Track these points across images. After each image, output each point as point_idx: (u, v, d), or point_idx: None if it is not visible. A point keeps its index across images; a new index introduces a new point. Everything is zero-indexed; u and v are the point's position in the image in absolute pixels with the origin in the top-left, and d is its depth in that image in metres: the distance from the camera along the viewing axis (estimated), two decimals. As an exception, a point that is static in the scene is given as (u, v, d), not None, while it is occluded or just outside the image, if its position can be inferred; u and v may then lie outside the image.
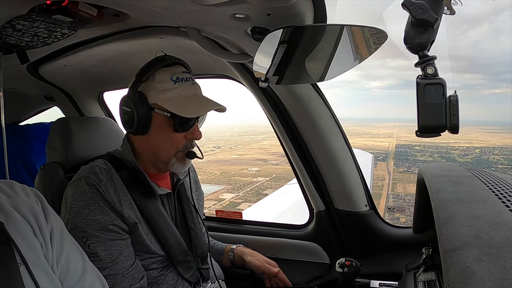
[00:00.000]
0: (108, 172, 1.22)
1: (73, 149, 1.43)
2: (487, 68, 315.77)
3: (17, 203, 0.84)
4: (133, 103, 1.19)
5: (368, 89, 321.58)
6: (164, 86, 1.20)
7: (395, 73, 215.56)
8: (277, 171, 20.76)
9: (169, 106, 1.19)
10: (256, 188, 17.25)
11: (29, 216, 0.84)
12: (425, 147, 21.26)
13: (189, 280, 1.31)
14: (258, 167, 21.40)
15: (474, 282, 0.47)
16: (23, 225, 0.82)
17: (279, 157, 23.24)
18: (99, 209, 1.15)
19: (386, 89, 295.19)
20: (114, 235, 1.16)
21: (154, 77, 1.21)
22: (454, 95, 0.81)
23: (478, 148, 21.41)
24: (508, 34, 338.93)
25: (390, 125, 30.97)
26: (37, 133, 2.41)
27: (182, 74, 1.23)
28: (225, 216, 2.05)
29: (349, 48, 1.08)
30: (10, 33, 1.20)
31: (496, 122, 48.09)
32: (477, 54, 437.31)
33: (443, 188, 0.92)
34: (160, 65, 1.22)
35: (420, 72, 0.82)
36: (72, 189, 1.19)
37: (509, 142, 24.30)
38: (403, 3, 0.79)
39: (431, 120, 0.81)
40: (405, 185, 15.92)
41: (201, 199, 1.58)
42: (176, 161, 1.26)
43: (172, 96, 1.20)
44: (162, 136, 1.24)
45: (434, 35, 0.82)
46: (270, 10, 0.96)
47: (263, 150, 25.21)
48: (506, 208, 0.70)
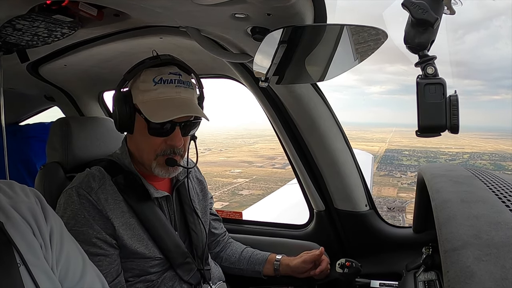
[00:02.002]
0: (101, 179, 1.21)
1: (73, 149, 1.43)
2: (485, 74, 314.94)
3: (16, 203, 0.84)
4: (116, 101, 1.19)
5: (368, 94, 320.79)
6: (145, 87, 1.17)
7: (394, 78, 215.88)
8: (259, 173, 20.94)
9: (144, 108, 1.16)
10: (233, 189, 17.44)
11: (29, 216, 0.84)
12: (414, 151, 21.45)
13: (189, 282, 1.30)
14: (242, 168, 21.57)
15: (474, 282, 0.47)
16: (22, 225, 0.82)
17: (265, 159, 23.43)
18: (84, 221, 1.14)
19: (386, 94, 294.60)
20: (96, 250, 1.15)
21: (139, 76, 1.19)
22: (454, 95, 0.81)
23: (467, 154, 21.61)
24: (505, 40, 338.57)
25: (387, 130, 31.22)
26: (37, 133, 2.41)
27: (169, 75, 1.18)
28: (225, 216, 2.05)
29: (349, 48, 1.08)
30: (10, 32, 1.20)
31: (494, 128, 48.39)
32: (475, 59, 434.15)
33: (443, 188, 0.92)
34: (149, 64, 1.19)
35: (420, 72, 0.82)
36: (64, 197, 1.19)
37: (501, 148, 24.47)
38: (403, 3, 0.79)
39: (431, 120, 0.81)
40: (380, 188, 16.06)
41: (207, 199, 1.55)
42: (157, 165, 1.22)
43: (150, 98, 1.17)
44: (141, 138, 1.21)
45: (434, 35, 0.82)
46: (270, 10, 0.96)
47: (252, 153, 25.41)
48: (506, 208, 0.70)
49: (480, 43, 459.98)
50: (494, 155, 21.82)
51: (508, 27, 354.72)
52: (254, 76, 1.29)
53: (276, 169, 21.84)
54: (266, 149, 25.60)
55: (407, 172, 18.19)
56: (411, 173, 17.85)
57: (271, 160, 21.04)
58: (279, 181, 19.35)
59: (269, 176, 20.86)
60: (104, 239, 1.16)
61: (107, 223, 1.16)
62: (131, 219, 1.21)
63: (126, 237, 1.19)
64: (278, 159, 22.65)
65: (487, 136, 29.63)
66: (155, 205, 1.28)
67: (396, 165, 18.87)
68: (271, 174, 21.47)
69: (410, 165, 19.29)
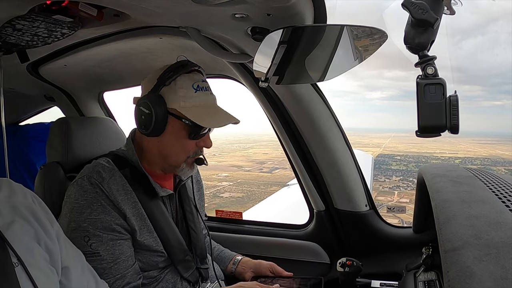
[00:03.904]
0: (111, 170, 1.23)
1: (73, 149, 1.43)
2: (485, 80, 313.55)
3: (14, 203, 0.84)
4: (153, 105, 1.19)
5: (369, 100, 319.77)
6: (185, 93, 1.20)
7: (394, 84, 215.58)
8: (245, 176, 21.06)
9: (189, 114, 1.20)
10: (216, 192, 17.60)
11: (28, 216, 0.84)
12: (406, 156, 21.48)
13: (188, 279, 1.32)
14: (230, 172, 21.62)
15: (474, 282, 0.47)
16: (21, 225, 0.81)
17: (255, 164, 23.49)
18: (101, 209, 1.16)
19: (387, 100, 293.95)
20: (117, 234, 1.17)
21: (176, 82, 1.21)
22: (454, 95, 0.81)
23: (459, 159, 21.65)
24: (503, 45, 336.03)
25: (385, 136, 31.20)
26: (37, 133, 2.41)
27: (202, 83, 1.24)
28: (225, 216, 2.05)
29: (349, 48, 1.08)
30: (10, 32, 1.20)
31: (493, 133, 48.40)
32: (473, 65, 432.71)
33: (443, 188, 0.92)
34: (183, 71, 1.22)
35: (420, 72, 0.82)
36: (74, 188, 1.19)
37: (496, 153, 24.53)
38: (403, 3, 0.79)
39: (431, 120, 0.81)
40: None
41: (202, 199, 1.58)
42: (186, 166, 1.28)
43: (193, 104, 1.21)
44: (175, 141, 1.24)
45: (434, 35, 0.82)
46: (270, 10, 0.96)
47: (244, 157, 25.44)
48: (506, 208, 0.70)
49: (477, 49, 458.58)
50: (487, 160, 21.87)
51: (505, 33, 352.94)
52: (254, 76, 1.29)
53: (262, 173, 21.94)
54: (259, 153, 25.65)
55: (392, 177, 18.24)
56: (396, 178, 17.92)
57: (261, 164, 21.04)
58: (262, 184, 19.55)
59: (254, 179, 20.95)
60: (121, 224, 1.18)
61: (120, 213, 1.19)
62: (141, 210, 1.23)
63: (137, 227, 1.21)
64: (267, 163, 22.88)
65: (485, 141, 29.65)
66: (161, 202, 1.30)
67: (383, 169, 18.94)
68: (257, 178, 21.50)
69: (397, 170, 19.37)
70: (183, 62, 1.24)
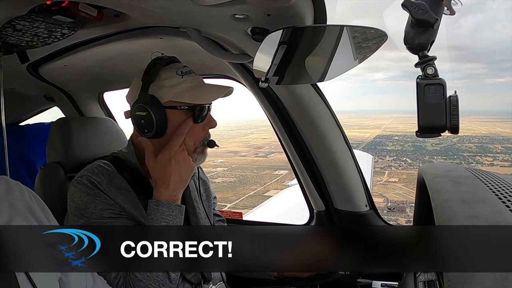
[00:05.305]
0: (110, 173, 1.22)
1: (73, 149, 1.43)
2: (486, 57, 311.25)
3: (12, 200, 0.83)
4: (148, 106, 1.17)
5: (371, 81, 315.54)
6: (174, 82, 1.20)
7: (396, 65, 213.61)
8: (240, 161, 20.97)
9: (185, 99, 1.19)
10: (209, 177, 17.67)
11: (26, 213, 0.83)
12: (404, 137, 21.19)
13: (191, 281, 1.30)
14: (226, 158, 21.46)
15: (474, 282, 0.47)
16: (18, 222, 0.80)
17: (252, 149, 23.28)
18: (105, 202, 1.17)
19: (389, 80, 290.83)
20: (124, 220, 1.18)
21: (160, 76, 1.20)
22: (454, 95, 0.81)
23: (457, 137, 21.33)
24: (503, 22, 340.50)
25: (387, 117, 30.83)
26: (37, 133, 2.41)
27: (185, 68, 1.23)
28: (225, 216, 2.05)
29: (349, 48, 1.08)
30: (10, 33, 1.20)
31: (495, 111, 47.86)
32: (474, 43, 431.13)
33: (443, 188, 0.92)
34: (162, 64, 1.21)
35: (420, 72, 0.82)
36: (76, 187, 1.20)
37: (496, 131, 24.23)
38: (403, 3, 0.79)
39: (431, 120, 0.81)
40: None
41: (210, 200, 1.56)
42: (198, 155, 1.27)
43: (185, 88, 1.20)
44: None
45: (434, 35, 0.82)
46: (270, 11, 0.96)
47: (243, 143, 25.22)
48: (506, 208, 0.70)
49: (477, 27, 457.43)
50: (485, 137, 21.58)
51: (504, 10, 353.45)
52: (254, 77, 1.29)
53: (258, 157, 21.72)
54: (258, 139, 25.29)
55: (386, 157, 18.12)
56: (389, 158, 17.80)
57: (257, 149, 20.87)
58: (255, 169, 19.43)
59: (249, 164, 20.79)
60: (127, 216, 1.20)
61: (124, 210, 1.20)
62: (143, 211, 1.22)
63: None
64: (264, 148, 22.70)
65: (487, 119, 29.23)
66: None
67: (379, 150, 18.79)
68: (251, 162, 21.31)
69: (392, 150, 19.21)
70: (158, 57, 1.24)
